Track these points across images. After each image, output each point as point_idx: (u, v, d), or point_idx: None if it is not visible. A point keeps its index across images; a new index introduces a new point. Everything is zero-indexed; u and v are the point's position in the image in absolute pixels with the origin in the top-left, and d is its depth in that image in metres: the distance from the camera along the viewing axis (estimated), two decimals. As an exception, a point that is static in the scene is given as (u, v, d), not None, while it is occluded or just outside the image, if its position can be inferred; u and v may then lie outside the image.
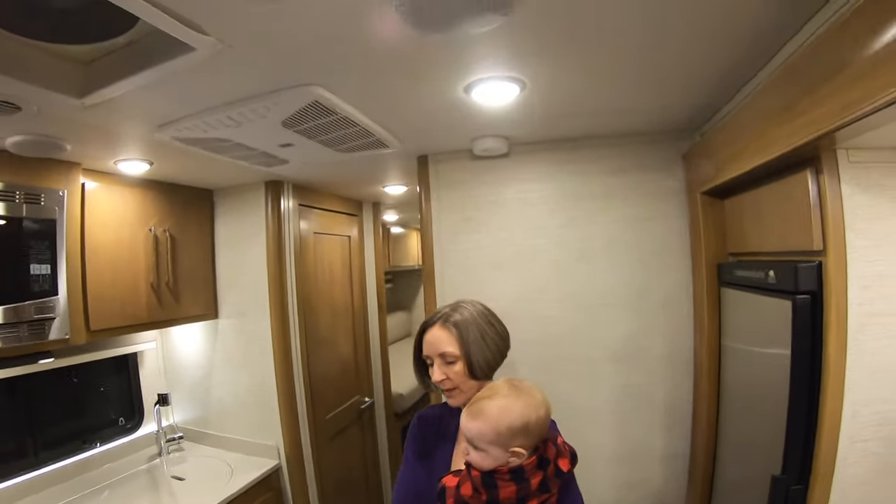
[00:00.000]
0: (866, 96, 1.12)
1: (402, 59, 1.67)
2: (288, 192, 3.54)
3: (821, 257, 1.58)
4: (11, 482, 2.77)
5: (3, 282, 2.29)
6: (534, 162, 2.81)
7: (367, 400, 4.56)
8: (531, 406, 1.52)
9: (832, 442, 1.56)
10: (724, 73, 1.90)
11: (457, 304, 1.87)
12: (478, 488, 1.49)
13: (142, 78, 1.62)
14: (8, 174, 2.32)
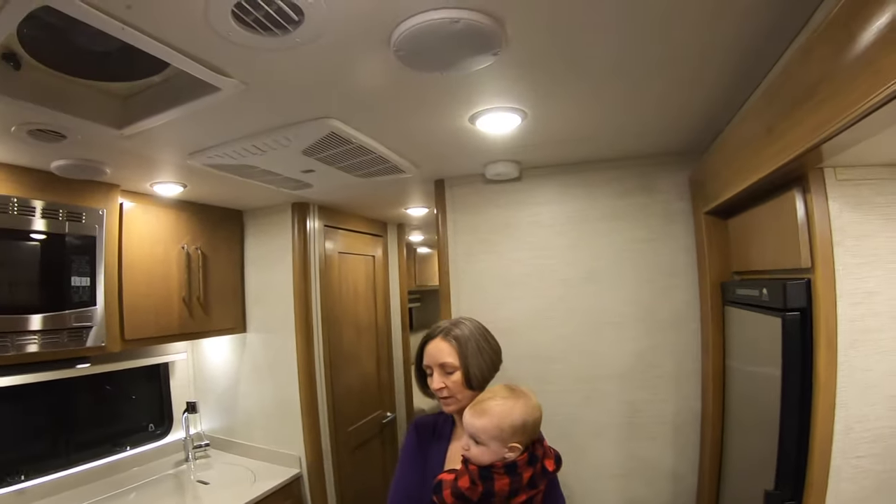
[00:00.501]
0: (835, 115, 1.15)
1: (408, 95, 1.79)
2: (314, 213, 3.67)
3: (809, 275, 1.59)
4: (45, 479, 2.92)
5: (46, 292, 2.45)
6: (544, 185, 2.89)
7: (389, 415, 4.63)
8: (529, 407, 1.70)
9: (825, 458, 1.57)
10: (719, 98, 1.96)
11: (457, 321, 1.99)
12: (475, 481, 1.62)
13: (173, 113, 1.78)
14: (52, 194, 2.48)
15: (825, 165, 1.54)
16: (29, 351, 2.38)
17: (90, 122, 1.84)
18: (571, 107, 2.02)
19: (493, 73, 1.63)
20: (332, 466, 3.69)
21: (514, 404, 1.70)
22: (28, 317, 2.37)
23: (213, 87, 1.59)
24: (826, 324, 1.55)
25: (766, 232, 1.93)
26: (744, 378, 2.20)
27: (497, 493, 1.62)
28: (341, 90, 1.74)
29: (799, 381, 1.65)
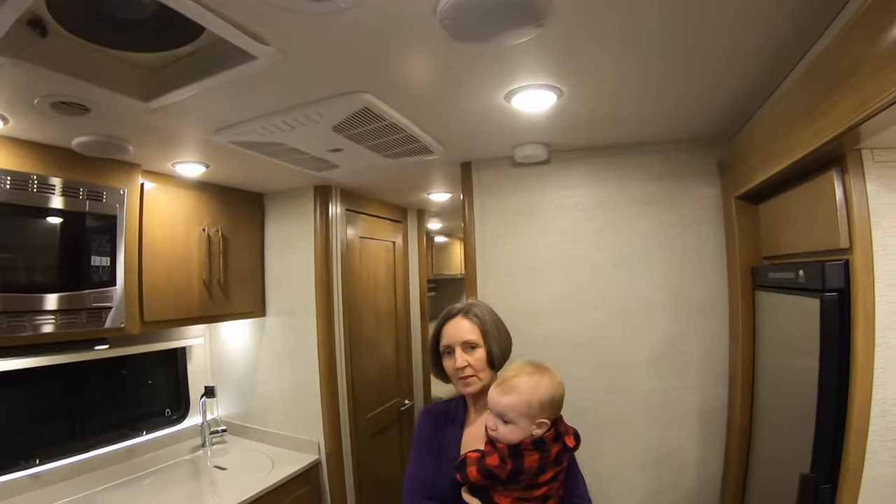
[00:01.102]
0: (877, 93, 1.17)
1: (447, 68, 1.78)
2: (336, 196, 3.68)
3: (848, 255, 1.60)
4: (60, 463, 2.92)
5: (65, 271, 2.44)
6: (573, 169, 2.88)
7: (408, 402, 4.66)
8: (554, 383, 1.73)
9: (861, 440, 1.56)
10: (753, 80, 1.95)
11: (471, 303, 2.05)
12: (505, 458, 1.64)
13: (204, 84, 1.75)
14: (73, 172, 2.47)
15: (862, 147, 1.54)
16: (47, 331, 2.36)
17: (116, 94, 1.81)
18: (608, 86, 2.01)
19: (534, 46, 1.62)
20: (350, 453, 3.71)
21: (541, 380, 1.72)
22: (46, 296, 2.35)
23: (249, 55, 1.57)
24: (864, 305, 1.55)
25: (799, 215, 1.94)
26: (775, 363, 2.20)
27: (526, 470, 1.65)
28: (379, 62, 1.72)
29: (836, 363, 1.65)
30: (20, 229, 2.30)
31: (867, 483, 1.57)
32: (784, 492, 1.88)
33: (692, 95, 2.14)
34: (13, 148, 2.28)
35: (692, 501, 2.72)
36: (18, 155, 2.29)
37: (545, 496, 1.70)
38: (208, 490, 3.11)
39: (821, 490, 1.66)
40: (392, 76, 1.83)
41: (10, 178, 2.23)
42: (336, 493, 3.56)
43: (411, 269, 4.93)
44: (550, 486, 1.70)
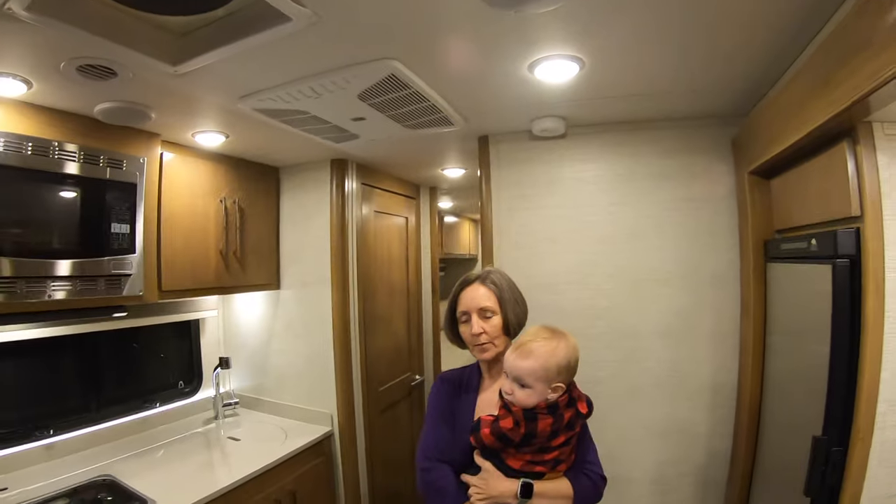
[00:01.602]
0: (891, 60, 1.23)
1: (476, 35, 1.82)
2: (352, 170, 3.74)
3: (859, 223, 1.67)
4: (74, 434, 2.98)
5: (85, 237, 2.48)
6: (589, 143, 2.93)
7: (418, 377, 4.73)
8: (570, 347, 1.75)
9: (871, 405, 1.62)
10: (767, 58, 2.00)
11: (489, 270, 2.06)
12: (519, 422, 1.68)
13: (235, 47, 1.78)
14: (93, 140, 2.51)
15: (873, 120, 1.61)
16: (65, 297, 2.41)
17: (145, 57, 1.84)
18: (629, 58, 2.06)
19: (561, 15, 1.66)
20: (362, 425, 3.79)
21: (558, 344, 1.73)
22: (65, 262, 2.40)
23: (284, 17, 1.59)
24: (874, 271, 1.62)
25: (812, 187, 2.00)
26: (786, 333, 2.25)
27: (539, 434, 1.68)
28: (411, 27, 1.76)
29: (848, 329, 1.71)
30: (40, 195, 2.33)
31: (877, 446, 1.63)
32: (795, 459, 1.93)
33: (709, 72, 2.19)
34: (35, 114, 2.32)
35: (701, 473, 2.77)
36: (40, 122, 2.33)
37: (556, 460, 1.74)
38: (222, 460, 3.17)
39: (832, 452, 1.72)
40: (422, 43, 1.87)
41: (32, 144, 2.27)
42: (348, 465, 3.63)
43: (423, 246, 4.98)
44: (562, 450, 1.74)
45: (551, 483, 1.74)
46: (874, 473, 1.65)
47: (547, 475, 1.75)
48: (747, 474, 2.52)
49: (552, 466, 1.75)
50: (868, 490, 1.65)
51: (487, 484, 1.75)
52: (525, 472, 1.74)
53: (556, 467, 1.76)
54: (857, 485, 1.66)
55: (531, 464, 1.73)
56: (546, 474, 1.75)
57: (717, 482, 2.74)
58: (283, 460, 3.09)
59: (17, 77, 2.02)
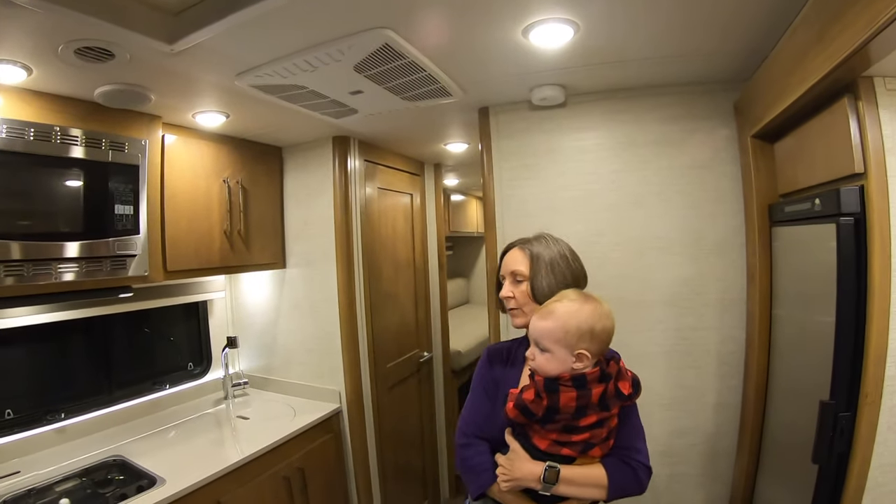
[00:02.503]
0: (884, 8, 1.22)
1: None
2: (354, 147, 3.74)
3: (862, 181, 1.66)
4: (85, 417, 3.05)
5: (90, 219, 2.51)
6: (589, 111, 2.91)
7: (426, 354, 4.75)
8: (598, 313, 1.64)
9: (879, 368, 1.62)
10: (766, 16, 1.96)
11: (540, 235, 2.02)
12: (540, 393, 1.59)
13: (228, 21, 1.78)
14: (95, 123, 2.54)
15: (874, 74, 1.60)
16: (72, 279, 2.45)
17: (140, 36, 1.85)
18: (624, 20, 2.04)
19: None
20: (371, 402, 3.81)
21: (581, 307, 1.65)
22: (71, 244, 2.43)
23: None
24: (880, 229, 1.62)
25: (815, 147, 1.99)
26: (792, 297, 2.25)
27: (562, 409, 1.58)
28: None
29: (854, 289, 1.70)
30: (44, 179, 2.36)
31: (885, 411, 1.63)
32: (803, 427, 1.92)
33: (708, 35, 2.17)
34: (36, 100, 2.34)
35: (710, 443, 2.77)
36: (42, 107, 2.36)
37: (586, 443, 1.63)
38: (233, 438, 3.23)
39: (840, 417, 1.71)
40: (413, 9, 1.86)
41: (34, 130, 2.29)
42: (357, 441, 3.67)
43: (429, 223, 4.99)
44: (593, 432, 1.62)
45: (582, 469, 1.64)
46: (884, 439, 1.65)
47: (578, 460, 1.64)
48: (755, 444, 2.51)
49: (581, 450, 1.63)
50: (878, 457, 1.66)
51: (513, 465, 1.69)
52: (552, 454, 1.64)
53: (588, 451, 1.64)
54: (867, 451, 1.66)
55: (557, 444, 1.63)
56: (576, 459, 1.64)
57: (727, 452, 2.73)
58: (292, 437, 3.13)
59: (16, 63, 2.04)
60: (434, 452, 4.95)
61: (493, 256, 3.05)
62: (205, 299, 3.92)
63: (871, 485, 1.67)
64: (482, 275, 7.65)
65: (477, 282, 7.82)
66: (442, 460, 5.04)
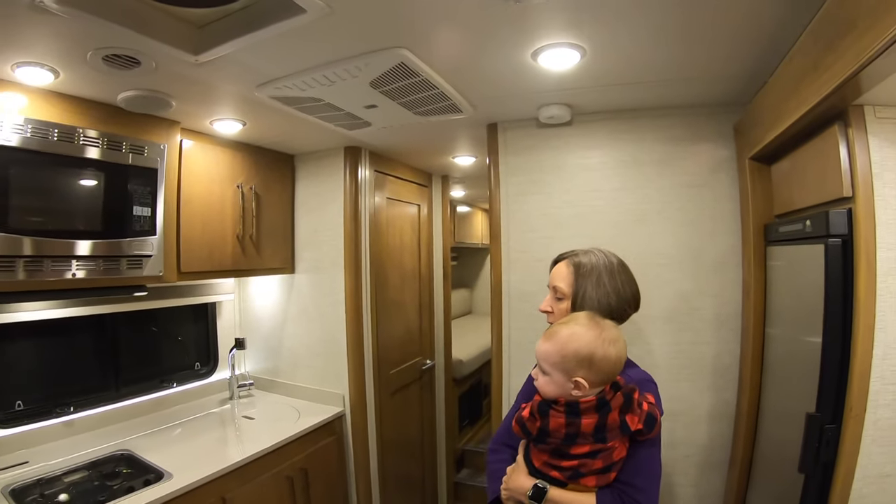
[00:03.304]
0: (873, 41, 1.29)
1: (479, 24, 1.90)
2: (365, 158, 3.83)
3: (851, 204, 1.73)
4: (93, 411, 3.11)
5: (109, 218, 2.60)
6: (595, 130, 2.99)
7: (429, 362, 4.83)
8: (601, 339, 1.53)
9: (864, 381, 1.68)
10: (765, 43, 2.05)
11: (590, 249, 1.95)
12: (534, 413, 1.56)
13: (253, 37, 1.88)
14: (116, 127, 2.63)
15: (864, 103, 1.69)
16: (89, 276, 2.52)
17: (168, 47, 1.94)
18: (629, 46, 2.12)
19: (561, 3, 1.74)
20: (374, 406, 3.89)
21: (584, 332, 1.56)
22: (89, 242, 2.51)
23: (299, 8, 1.69)
24: (866, 250, 1.68)
25: (808, 170, 2.06)
26: (784, 313, 2.31)
27: (552, 434, 1.54)
28: (418, 17, 1.85)
29: (840, 307, 1.77)
30: (66, 179, 2.45)
31: (869, 425, 1.69)
32: (792, 440, 1.97)
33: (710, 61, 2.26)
34: (61, 102, 2.43)
35: (704, 454, 2.83)
36: (66, 109, 2.44)
37: (575, 470, 1.56)
38: (237, 437, 3.31)
39: (826, 429, 1.77)
40: (429, 32, 1.96)
41: (58, 131, 2.37)
42: (359, 443, 3.74)
43: (435, 234, 5.06)
44: (584, 461, 1.54)
45: (571, 494, 1.57)
46: (868, 451, 1.70)
47: (570, 486, 1.58)
48: (747, 456, 2.57)
49: (569, 476, 1.57)
50: (862, 468, 1.70)
51: (511, 477, 1.70)
52: (543, 473, 1.61)
53: (578, 479, 1.56)
54: (851, 462, 1.71)
55: (548, 466, 1.60)
56: (567, 485, 1.58)
57: (721, 464, 2.78)
58: (296, 438, 3.21)
59: (44, 66, 2.12)
60: (433, 459, 5.00)
61: (498, 268, 3.14)
62: (214, 301, 3.99)
63: (854, 496, 1.72)
64: (485, 286, 7.71)
65: (480, 292, 7.87)
66: (440, 468, 5.09)
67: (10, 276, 2.24)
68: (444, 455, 5.10)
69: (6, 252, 2.20)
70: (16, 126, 2.24)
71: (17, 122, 2.24)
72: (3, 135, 2.18)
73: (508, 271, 3.15)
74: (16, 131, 2.23)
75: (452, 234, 5.65)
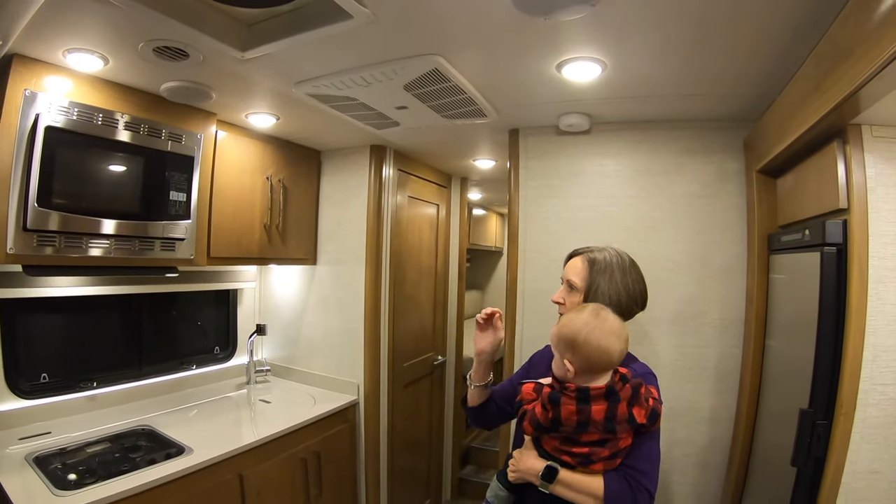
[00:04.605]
0: (867, 65, 1.42)
1: (509, 37, 2.05)
2: (390, 156, 3.99)
3: (846, 215, 1.86)
4: (116, 388, 3.27)
5: (147, 201, 2.75)
6: (611, 140, 3.13)
7: (440, 358, 4.95)
8: (590, 326, 1.61)
9: (854, 380, 1.80)
10: (773, 66, 2.19)
11: (605, 247, 2.03)
12: (545, 405, 1.63)
13: (299, 39, 2.03)
14: (157, 114, 2.78)
15: (862, 122, 1.82)
16: (125, 255, 2.68)
17: (218, 42, 2.08)
18: (648, 62, 2.26)
19: (584, 23, 1.88)
20: (386, 396, 4.03)
21: (575, 318, 1.66)
22: (128, 222, 2.66)
23: (346, 14, 1.83)
24: (859, 259, 1.82)
25: (809, 183, 2.19)
26: (783, 318, 2.44)
27: (564, 422, 1.60)
28: (454, 29, 2.00)
29: (834, 311, 1.90)
30: (107, 161, 2.59)
31: (858, 422, 1.81)
32: (787, 440, 2.06)
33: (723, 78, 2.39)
34: (106, 88, 2.58)
35: (704, 454, 2.93)
36: (110, 95, 2.60)
37: (585, 457, 1.64)
38: (254, 418, 3.45)
39: (818, 425, 1.89)
40: (461, 41, 2.11)
41: (102, 115, 2.53)
42: (370, 431, 3.88)
43: (452, 234, 5.19)
44: (594, 449, 1.62)
45: (580, 475, 1.65)
46: (857, 447, 1.81)
47: (578, 470, 1.66)
48: (745, 458, 2.67)
49: (580, 462, 1.64)
50: (851, 464, 1.82)
51: (520, 458, 1.77)
52: (553, 457, 1.69)
53: (588, 465, 1.64)
54: (841, 457, 1.83)
55: (558, 451, 1.67)
56: (576, 468, 1.66)
57: (719, 465, 2.88)
58: (312, 422, 3.34)
59: (95, 53, 2.26)
60: (440, 453, 5.12)
61: (514, 267, 3.28)
62: (236, 288, 4.16)
63: (844, 490, 1.84)
64: (496, 288, 7.86)
65: (492, 294, 7.96)
66: (446, 462, 5.21)
67: (52, 251, 2.39)
68: (451, 450, 5.23)
69: (48, 227, 2.34)
70: (62, 108, 2.39)
71: (63, 105, 2.39)
72: (50, 116, 2.33)
73: (524, 270, 3.27)
74: (62, 113, 2.38)
75: (468, 236, 5.76)
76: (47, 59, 2.32)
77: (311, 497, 3.31)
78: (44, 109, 2.32)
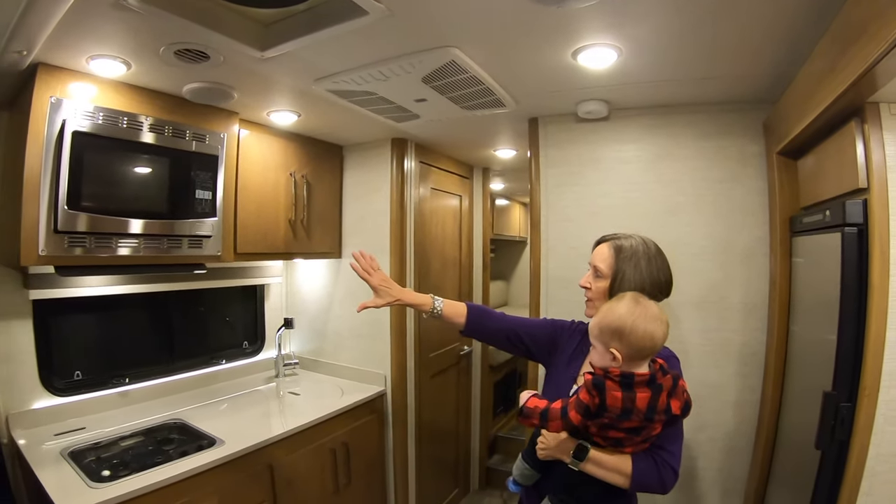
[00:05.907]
0: (880, 43, 1.42)
1: (524, 26, 2.06)
2: (411, 149, 4.02)
3: (866, 195, 1.85)
4: (147, 384, 3.41)
5: (174, 201, 2.82)
6: (630, 125, 3.12)
7: (467, 348, 4.98)
8: (634, 314, 1.63)
9: (877, 362, 1.77)
10: (789, 46, 2.18)
11: (632, 234, 2.04)
12: (590, 390, 1.61)
13: (317, 36, 2.07)
14: (180, 116, 2.85)
15: (879, 100, 1.80)
16: (154, 253, 2.74)
17: (237, 43, 2.13)
18: (663, 47, 2.26)
19: (600, 8, 1.89)
20: (413, 387, 4.07)
21: (618, 307, 1.68)
22: (156, 221, 2.72)
23: (362, 10, 1.87)
24: (880, 238, 1.80)
25: (829, 163, 2.18)
26: (806, 300, 2.42)
27: (609, 408, 1.60)
28: (469, 20, 2.02)
29: (855, 292, 1.88)
30: (134, 162, 2.66)
31: (882, 404, 1.78)
32: (811, 422, 2.04)
33: (740, 60, 2.38)
34: (129, 92, 2.65)
35: (730, 438, 2.93)
36: (134, 99, 2.67)
37: (618, 440, 1.68)
38: (283, 411, 3.52)
39: (841, 407, 1.87)
40: (477, 32, 2.12)
41: (127, 119, 2.60)
42: (398, 422, 3.94)
43: (475, 224, 5.21)
44: (629, 435, 1.65)
45: (610, 454, 1.70)
46: (881, 429, 1.79)
47: (607, 450, 1.71)
48: (770, 441, 2.65)
49: (612, 444, 1.69)
50: (875, 446, 1.79)
51: (551, 436, 1.80)
52: (584, 435, 1.72)
53: (618, 448, 1.70)
54: (865, 439, 1.80)
55: (595, 434, 1.70)
56: (605, 448, 1.71)
57: (745, 448, 2.87)
58: (340, 413, 3.40)
59: (118, 59, 2.33)
60: (467, 443, 5.16)
61: (537, 255, 3.30)
62: (263, 283, 4.24)
63: (868, 472, 1.81)
64: (521, 278, 7.83)
65: (517, 284, 7.94)
66: (473, 452, 5.24)
67: (82, 251, 2.46)
68: (478, 440, 5.26)
69: (77, 229, 2.42)
70: (87, 113, 2.45)
71: (89, 110, 2.46)
72: (76, 121, 2.40)
73: (547, 258, 3.29)
74: (87, 118, 2.45)
75: (491, 226, 5.77)
76: (71, 66, 2.39)
77: (340, 487, 3.37)
78: (70, 115, 2.39)
